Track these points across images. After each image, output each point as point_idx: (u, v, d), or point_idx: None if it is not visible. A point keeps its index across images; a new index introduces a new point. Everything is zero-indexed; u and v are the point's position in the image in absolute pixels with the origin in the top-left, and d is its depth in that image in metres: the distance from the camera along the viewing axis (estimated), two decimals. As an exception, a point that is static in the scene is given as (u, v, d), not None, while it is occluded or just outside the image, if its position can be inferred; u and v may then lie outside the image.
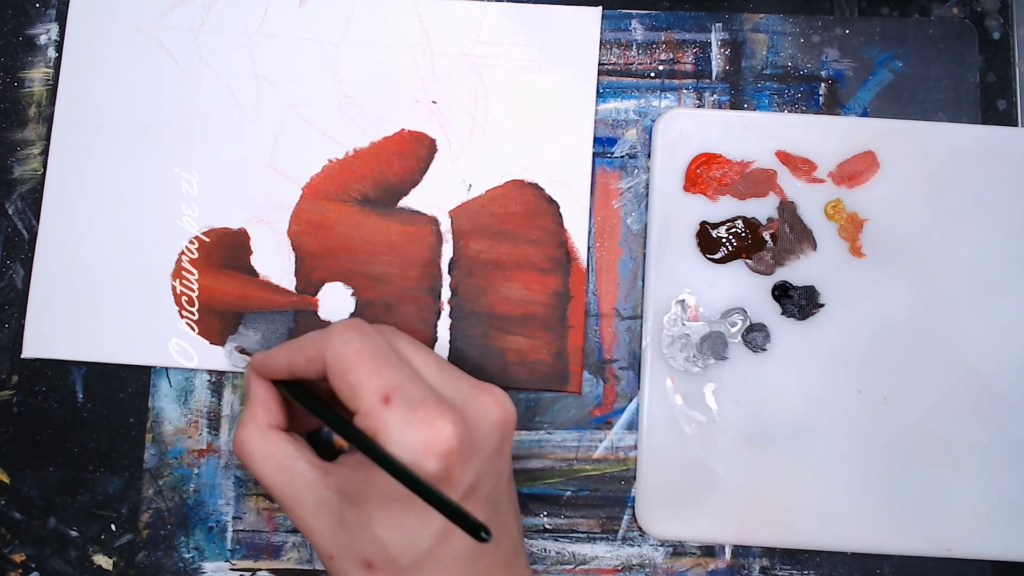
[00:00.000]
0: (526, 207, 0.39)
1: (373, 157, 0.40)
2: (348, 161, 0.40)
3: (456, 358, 0.39)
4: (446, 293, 0.39)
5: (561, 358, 0.38)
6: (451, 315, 0.39)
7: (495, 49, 0.40)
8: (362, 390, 0.29)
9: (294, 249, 0.39)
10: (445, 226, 0.39)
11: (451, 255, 0.39)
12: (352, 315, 0.39)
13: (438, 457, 0.28)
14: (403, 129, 0.40)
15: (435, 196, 0.39)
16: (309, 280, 0.39)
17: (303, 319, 0.39)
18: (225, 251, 0.39)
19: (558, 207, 0.39)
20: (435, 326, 0.39)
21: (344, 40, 0.40)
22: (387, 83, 0.40)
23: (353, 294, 0.39)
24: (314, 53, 0.40)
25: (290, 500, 0.31)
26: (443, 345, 0.39)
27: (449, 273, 0.39)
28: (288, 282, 0.39)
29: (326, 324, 0.39)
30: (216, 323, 0.39)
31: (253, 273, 0.39)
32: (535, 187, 0.39)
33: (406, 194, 0.40)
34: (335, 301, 0.39)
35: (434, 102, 0.40)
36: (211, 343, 0.39)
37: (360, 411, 0.29)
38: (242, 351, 0.38)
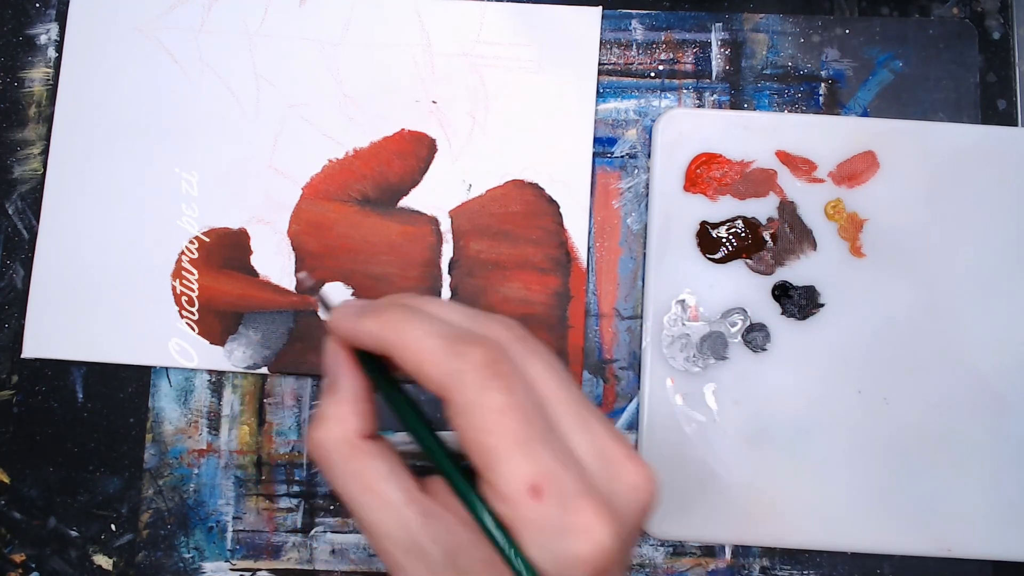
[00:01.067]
0: (526, 207, 0.39)
1: (373, 157, 0.40)
2: (348, 161, 0.40)
3: (456, 358, 0.39)
4: (446, 293, 0.39)
5: (561, 358, 0.38)
6: (451, 315, 0.39)
7: (495, 49, 0.40)
8: (503, 467, 0.23)
9: (294, 249, 0.39)
10: (445, 226, 0.39)
11: (451, 255, 0.39)
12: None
13: (591, 571, 0.23)
14: (403, 129, 0.40)
15: (435, 196, 0.39)
16: (309, 280, 0.39)
17: (303, 319, 0.39)
18: (225, 251, 0.39)
19: (558, 207, 0.39)
20: (435, 326, 0.39)
21: (344, 40, 0.40)
22: (387, 83, 0.40)
23: (353, 294, 0.39)
24: (314, 53, 0.40)
25: (376, 530, 0.25)
26: (443, 345, 0.39)
27: (449, 273, 0.39)
28: (288, 282, 0.39)
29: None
30: (216, 323, 0.39)
31: (253, 273, 0.39)
32: (535, 187, 0.39)
33: (406, 194, 0.40)
34: (335, 301, 0.39)
35: (434, 102, 0.40)
36: (211, 343, 0.39)
37: (495, 490, 0.24)
38: (319, 300, 0.30)
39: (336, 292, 0.39)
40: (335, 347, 0.27)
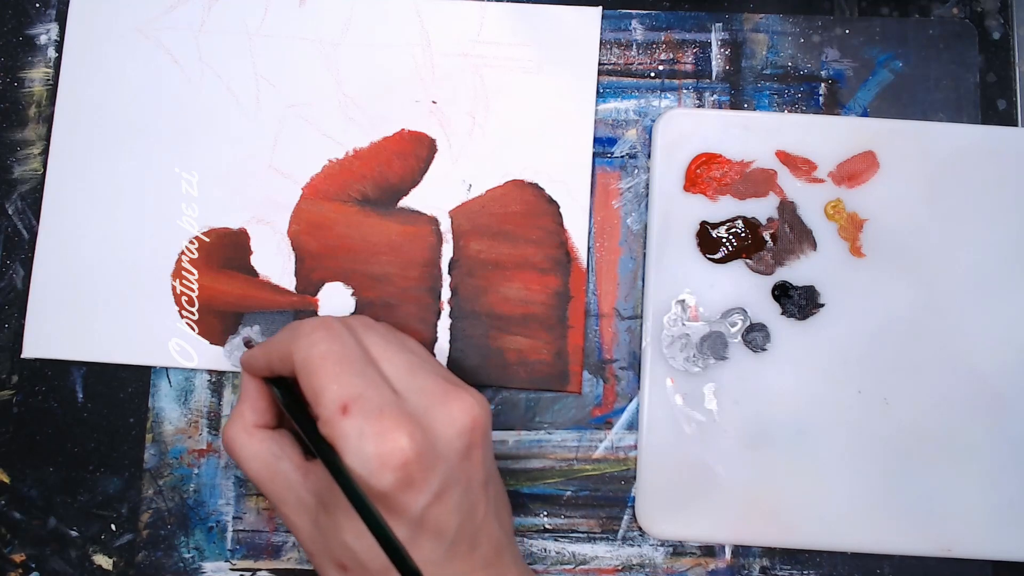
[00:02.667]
0: (526, 207, 0.39)
1: (373, 157, 0.40)
2: (348, 161, 0.40)
3: (456, 358, 0.39)
4: (446, 293, 0.39)
5: (561, 358, 0.38)
6: (451, 315, 0.39)
7: (495, 49, 0.40)
8: (323, 397, 0.29)
9: (294, 249, 0.39)
10: (445, 226, 0.39)
11: (451, 255, 0.39)
12: (352, 315, 0.39)
13: (394, 470, 0.28)
14: (403, 129, 0.40)
15: (435, 196, 0.39)
16: (309, 280, 0.39)
17: (303, 319, 0.39)
18: (225, 251, 0.39)
19: (558, 207, 0.39)
20: (435, 326, 0.39)
21: (344, 40, 0.40)
22: (387, 83, 0.40)
23: (353, 294, 0.39)
24: (314, 53, 0.40)
25: (274, 497, 0.32)
26: (443, 345, 0.39)
27: (449, 273, 0.39)
28: (288, 282, 0.39)
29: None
30: (216, 323, 0.39)
31: (253, 273, 0.39)
32: (535, 187, 0.39)
33: (406, 194, 0.40)
34: (335, 301, 0.39)
35: (434, 102, 0.40)
36: (211, 343, 0.39)
37: (321, 418, 0.29)
38: (248, 343, 0.38)
39: (336, 292, 0.39)
40: (243, 372, 0.34)
